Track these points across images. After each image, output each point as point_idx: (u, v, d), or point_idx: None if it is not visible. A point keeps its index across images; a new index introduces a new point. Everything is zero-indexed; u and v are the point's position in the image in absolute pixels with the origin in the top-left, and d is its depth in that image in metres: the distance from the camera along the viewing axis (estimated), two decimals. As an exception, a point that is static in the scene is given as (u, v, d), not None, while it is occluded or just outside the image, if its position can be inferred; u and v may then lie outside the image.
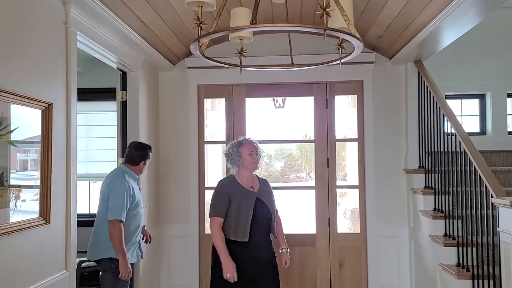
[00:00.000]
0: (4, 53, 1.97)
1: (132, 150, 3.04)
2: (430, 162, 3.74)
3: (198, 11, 1.74)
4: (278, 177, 7.74)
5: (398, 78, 4.11)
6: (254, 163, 3.00)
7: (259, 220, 2.93)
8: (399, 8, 3.10)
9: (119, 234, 2.74)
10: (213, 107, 5.30)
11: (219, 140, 4.58)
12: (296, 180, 7.76)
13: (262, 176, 5.09)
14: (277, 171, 7.76)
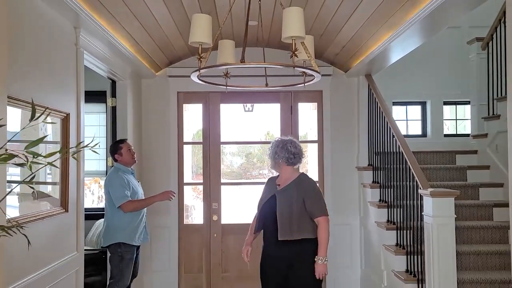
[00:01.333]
0: (34, 72, 2.43)
1: (110, 151, 3.56)
2: (377, 160, 4.45)
3: (198, 47, 2.29)
4: (240, 174, 8.27)
5: (352, 89, 4.80)
6: (292, 162, 3.03)
7: (264, 217, 3.03)
8: (352, 33, 3.76)
9: (136, 205, 3.31)
10: (185, 108, 5.81)
11: (197, 141, 5.10)
12: (258, 176, 8.36)
13: (224, 173, 5.66)
14: (237, 167, 8.30)
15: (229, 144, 5.50)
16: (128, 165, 3.54)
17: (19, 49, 2.28)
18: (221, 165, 4.95)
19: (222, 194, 4.82)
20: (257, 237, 3.27)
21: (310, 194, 2.96)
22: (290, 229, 2.89)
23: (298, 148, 3.07)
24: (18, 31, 2.29)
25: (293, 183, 3.00)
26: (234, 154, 8.68)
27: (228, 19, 3.55)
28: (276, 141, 3.10)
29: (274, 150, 3.05)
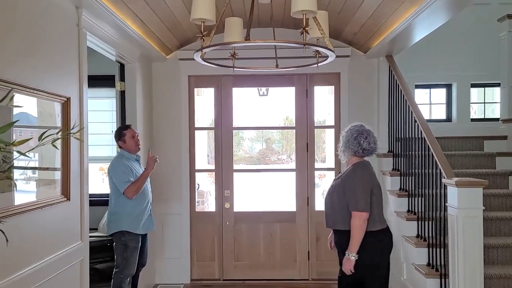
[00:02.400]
0: (31, 56, 2.29)
1: (114, 137, 3.44)
2: (398, 147, 4.21)
3: (200, 25, 2.11)
4: (259, 159, 8.11)
5: (371, 71, 4.54)
6: (360, 155, 2.87)
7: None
8: (372, 10, 3.50)
9: (137, 185, 3.21)
10: (199, 93, 5.65)
11: (209, 126, 4.94)
12: (277, 162, 8.20)
13: (243, 158, 5.49)
14: (257, 153, 8.14)
15: (242, 130, 5.32)
16: (132, 152, 3.42)
17: (10, 30, 2.14)
18: (240, 151, 4.81)
19: (234, 181, 4.67)
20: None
21: (349, 184, 2.79)
22: (333, 218, 2.85)
23: (372, 145, 2.86)
24: (11, 11, 2.14)
25: (347, 170, 2.89)
26: (253, 140, 8.55)
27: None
28: (353, 127, 2.90)
29: (348, 138, 2.88)
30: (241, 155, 8.34)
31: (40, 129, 2.29)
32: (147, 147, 4.31)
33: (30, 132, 2.35)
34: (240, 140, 8.35)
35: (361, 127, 2.93)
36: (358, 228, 2.71)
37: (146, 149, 4.19)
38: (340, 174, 3.00)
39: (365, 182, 2.78)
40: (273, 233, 4.66)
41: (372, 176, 2.86)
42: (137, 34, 3.61)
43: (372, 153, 2.92)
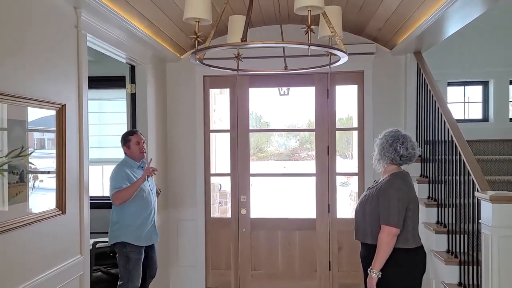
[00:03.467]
0: (21, 60, 2.15)
1: (120, 142, 3.31)
2: (427, 151, 3.88)
3: (195, 25, 1.89)
4: (289, 155, 7.87)
5: (398, 68, 4.21)
6: (398, 163, 2.65)
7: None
8: (396, 4, 3.19)
9: (123, 194, 3.04)
10: (222, 91, 5.46)
11: (224, 128, 4.74)
12: (307, 158, 7.92)
13: (272, 154, 5.26)
14: (288, 150, 7.90)
15: (259, 132, 5.10)
16: (136, 159, 3.27)
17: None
18: (270, 146, 4.61)
19: (251, 185, 4.46)
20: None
21: (384, 195, 2.56)
22: (363, 231, 2.66)
23: (410, 151, 2.64)
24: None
25: (383, 180, 2.65)
26: (283, 136, 8.36)
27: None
28: (388, 133, 2.69)
29: (383, 145, 2.67)
30: (271, 151, 8.14)
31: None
32: (159, 151, 4.16)
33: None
34: (270, 136, 8.19)
35: (396, 132, 2.71)
36: (385, 243, 2.49)
37: (157, 155, 4.04)
38: (375, 183, 2.76)
39: (402, 195, 2.55)
40: (292, 241, 4.42)
41: (410, 189, 2.63)
42: (146, 35, 3.44)
43: (411, 160, 2.69)
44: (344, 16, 3.81)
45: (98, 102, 5.41)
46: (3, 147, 1.96)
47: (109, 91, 5.24)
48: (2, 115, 1.98)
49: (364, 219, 2.65)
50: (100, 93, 5.31)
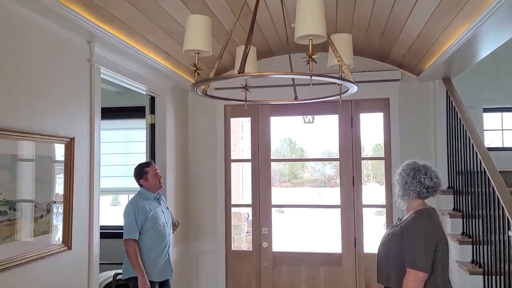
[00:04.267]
0: (30, 96, 2.17)
1: (134, 176, 3.23)
2: (459, 182, 3.62)
3: (195, 57, 1.84)
4: (325, 182, 7.68)
5: (426, 95, 4.01)
6: (425, 196, 2.44)
7: None
8: (418, 30, 3.05)
9: (133, 252, 2.93)
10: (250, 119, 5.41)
11: (246, 158, 4.66)
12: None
13: (308, 180, 5.11)
14: (323, 176, 7.70)
15: (281, 161, 4.97)
16: (153, 191, 3.21)
17: (8, 70, 2.02)
18: (305, 173, 4.51)
19: (273, 217, 4.31)
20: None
21: (409, 235, 2.33)
22: (387, 273, 2.43)
23: (435, 181, 2.44)
24: (13, 48, 2.04)
25: (408, 218, 2.43)
26: (318, 162, 8.19)
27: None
28: (406, 166, 2.50)
29: (405, 180, 2.46)
30: (306, 178, 7.93)
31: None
32: (179, 181, 4.12)
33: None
34: (305, 162, 8.03)
35: (415, 163, 2.49)
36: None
37: (176, 185, 3.99)
38: (399, 221, 2.54)
39: (429, 235, 2.30)
40: (316, 277, 4.20)
41: (438, 228, 2.38)
42: (164, 67, 3.46)
43: (437, 191, 2.46)
44: (367, 43, 3.72)
45: (124, 131, 5.50)
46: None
47: (135, 121, 5.31)
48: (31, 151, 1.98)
49: (387, 260, 2.43)
50: (126, 123, 5.41)
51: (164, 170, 3.75)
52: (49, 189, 2.28)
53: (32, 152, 2.16)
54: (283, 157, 4.86)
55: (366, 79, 4.00)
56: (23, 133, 2.06)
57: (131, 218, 3.03)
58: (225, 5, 2.77)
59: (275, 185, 5.01)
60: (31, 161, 2.16)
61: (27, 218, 2.10)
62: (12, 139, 2.01)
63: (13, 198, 1.99)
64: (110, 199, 11.66)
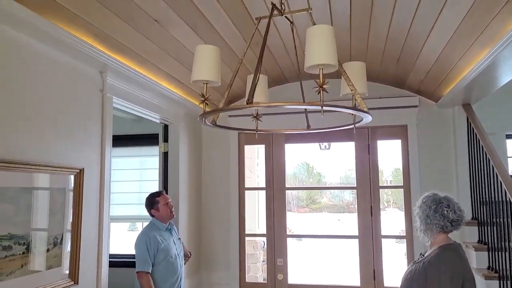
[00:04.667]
0: (41, 128, 2.16)
1: (145, 206, 3.17)
2: (483, 213, 3.44)
3: (203, 87, 1.80)
4: (343, 207, 7.54)
5: (446, 122, 3.88)
6: (449, 230, 2.31)
7: None
8: (434, 56, 2.97)
9: (147, 285, 2.84)
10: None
11: (261, 186, 4.57)
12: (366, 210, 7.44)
13: (327, 206, 5.00)
14: (343, 201, 7.54)
15: (296, 190, 4.86)
16: (164, 220, 3.14)
17: (17, 101, 2.02)
18: (323, 197, 4.41)
19: (290, 245, 4.17)
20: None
21: (432, 273, 2.20)
22: None
23: (459, 213, 2.30)
24: (22, 83, 2.04)
25: (431, 254, 2.29)
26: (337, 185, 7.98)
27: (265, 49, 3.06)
28: (426, 199, 2.37)
29: (426, 213, 2.33)
30: (325, 203, 7.75)
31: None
32: (192, 210, 4.04)
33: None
34: (323, 185, 7.84)
35: (435, 195, 2.35)
36: None
37: (189, 214, 3.92)
38: (422, 257, 2.40)
39: (455, 272, 2.16)
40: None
41: (464, 265, 2.22)
42: (176, 94, 3.45)
43: (462, 223, 2.31)
44: (382, 69, 3.64)
45: (139, 159, 5.50)
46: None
47: (150, 148, 5.30)
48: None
49: None
50: (141, 150, 5.40)
51: (177, 199, 3.69)
52: (57, 222, 2.23)
53: (40, 184, 2.13)
54: (300, 182, 4.83)
55: (383, 105, 3.91)
56: (30, 165, 2.03)
57: (143, 249, 2.95)
58: (236, 33, 2.75)
59: (293, 210, 4.90)
60: (38, 193, 2.13)
61: (32, 252, 2.05)
62: (19, 172, 1.98)
63: (18, 232, 1.95)
64: (128, 225, 11.63)
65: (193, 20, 2.45)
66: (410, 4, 2.33)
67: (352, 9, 2.50)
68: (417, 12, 2.40)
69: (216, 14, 2.44)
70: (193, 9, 2.33)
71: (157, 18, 2.36)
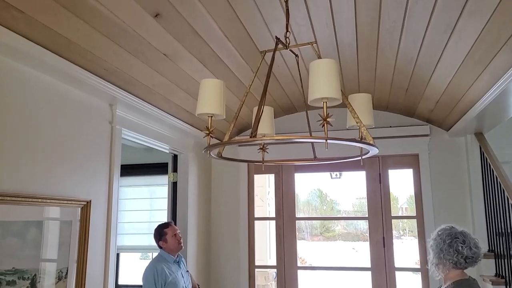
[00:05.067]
0: (48, 160, 2.18)
1: (153, 237, 3.14)
2: (500, 244, 3.33)
3: (208, 120, 1.80)
4: (358, 236, 7.39)
5: (458, 151, 3.82)
6: (463, 267, 2.22)
7: None
8: (443, 86, 2.96)
9: None
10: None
11: (266, 216, 4.53)
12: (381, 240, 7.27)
13: (340, 234, 4.91)
14: (357, 229, 7.39)
15: (306, 220, 4.80)
16: (173, 252, 3.10)
17: (26, 133, 2.05)
18: (338, 225, 4.36)
19: (299, 280, 4.07)
20: None
21: None
22: None
23: (474, 250, 2.21)
24: (23, 109, 2.08)
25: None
26: (350, 214, 7.87)
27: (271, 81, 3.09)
28: (442, 232, 2.30)
29: (440, 247, 2.26)
30: (339, 231, 7.58)
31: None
32: (201, 241, 4.00)
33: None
34: (337, 213, 7.72)
35: (452, 229, 2.27)
36: None
37: (198, 245, 3.88)
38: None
39: None
40: None
41: None
42: (185, 125, 3.48)
43: (476, 261, 2.22)
44: (392, 99, 3.63)
45: (148, 188, 5.50)
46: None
47: (161, 177, 5.31)
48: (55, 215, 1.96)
49: None
50: (152, 179, 5.41)
51: (185, 230, 3.67)
52: (62, 255, 2.22)
53: (47, 216, 2.14)
54: (313, 209, 4.77)
55: (393, 134, 3.89)
56: (36, 199, 2.04)
57: (150, 282, 2.91)
58: (244, 65, 2.79)
59: (306, 238, 4.82)
60: (44, 226, 2.13)
61: (36, 287, 2.03)
62: (25, 205, 1.99)
63: (22, 266, 1.94)
64: (140, 254, 11.53)
65: (202, 54, 2.49)
66: (416, 36, 2.34)
67: (358, 42, 2.52)
68: (423, 44, 2.40)
69: (225, 48, 2.48)
70: (202, 44, 2.37)
71: (166, 52, 2.40)
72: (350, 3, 2.07)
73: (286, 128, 4.12)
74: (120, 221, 5.36)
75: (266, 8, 2.11)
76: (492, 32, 2.07)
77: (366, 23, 2.28)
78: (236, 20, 2.21)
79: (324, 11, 2.15)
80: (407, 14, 2.12)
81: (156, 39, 2.23)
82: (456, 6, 1.94)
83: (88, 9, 1.85)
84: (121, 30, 2.06)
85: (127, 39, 2.15)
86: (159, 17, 2.05)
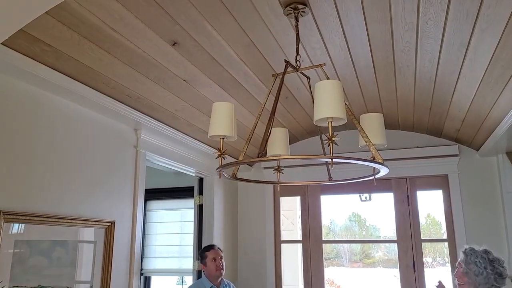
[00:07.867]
0: (75, 182, 2.31)
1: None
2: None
3: (220, 142, 1.87)
4: (397, 263, 7.15)
5: (490, 171, 3.68)
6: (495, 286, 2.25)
7: None
8: (466, 104, 2.90)
9: None
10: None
11: (297, 239, 4.49)
12: (426, 265, 7.02)
13: (382, 260, 4.80)
14: (398, 256, 7.16)
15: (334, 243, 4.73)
16: (211, 278, 2.94)
17: (51, 157, 2.19)
18: (378, 251, 4.31)
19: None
20: None
21: None
22: None
23: (505, 267, 2.30)
24: (53, 136, 2.22)
25: None
26: (392, 237, 7.63)
27: (293, 103, 3.14)
28: (481, 255, 2.33)
29: (483, 267, 2.28)
30: (379, 257, 7.34)
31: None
32: (227, 264, 4.01)
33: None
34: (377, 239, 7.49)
35: (486, 254, 2.34)
36: None
37: (230, 271, 3.88)
38: None
39: None
40: None
41: None
42: (210, 148, 3.57)
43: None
44: (416, 119, 3.58)
45: (179, 211, 5.60)
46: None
47: (188, 200, 5.41)
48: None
49: None
50: (181, 202, 5.52)
51: (211, 252, 3.69)
52: (84, 274, 2.31)
53: (72, 237, 2.24)
54: (352, 235, 4.70)
55: (420, 155, 3.81)
56: (63, 219, 2.15)
57: None
58: (263, 88, 2.85)
59: (345, 265, 4.75)
60: (69, 245, 2.23)
61: (61, 304, 2.12)
62: (52, 225, 2.10)
63: (48, 284, 2.04)
64: (176, 278, 11.55)
65: (220, 78, 2.59)
66: (432, 56, 2.33)
67: (375, 63, 2.54)
68: (440, 63, 2.39)
69: (242, 72, 2.56)
70: (220, 69, 2.47)
71: (186, 78, 2.51)
72: (362, 27, 2.11)
73: (308, 150, 4.13)
74: (151, 244, 5.47)
75: (279, 34, 2.18)
76: (506, 49, 2.04)
77: (379, 46, 2.30)
78: (251, 45, 2.29)
79: (336, 35, 2.20)
80: (419, 34, 2.13)
81: (175, 66, 2.34)
82: (467, 24, 1.94)
83: (110, 40, 1.98)
84: (142, 59, 2.19)
85: (147, 67, 2.27)
86: (177, 45, 2.16)
